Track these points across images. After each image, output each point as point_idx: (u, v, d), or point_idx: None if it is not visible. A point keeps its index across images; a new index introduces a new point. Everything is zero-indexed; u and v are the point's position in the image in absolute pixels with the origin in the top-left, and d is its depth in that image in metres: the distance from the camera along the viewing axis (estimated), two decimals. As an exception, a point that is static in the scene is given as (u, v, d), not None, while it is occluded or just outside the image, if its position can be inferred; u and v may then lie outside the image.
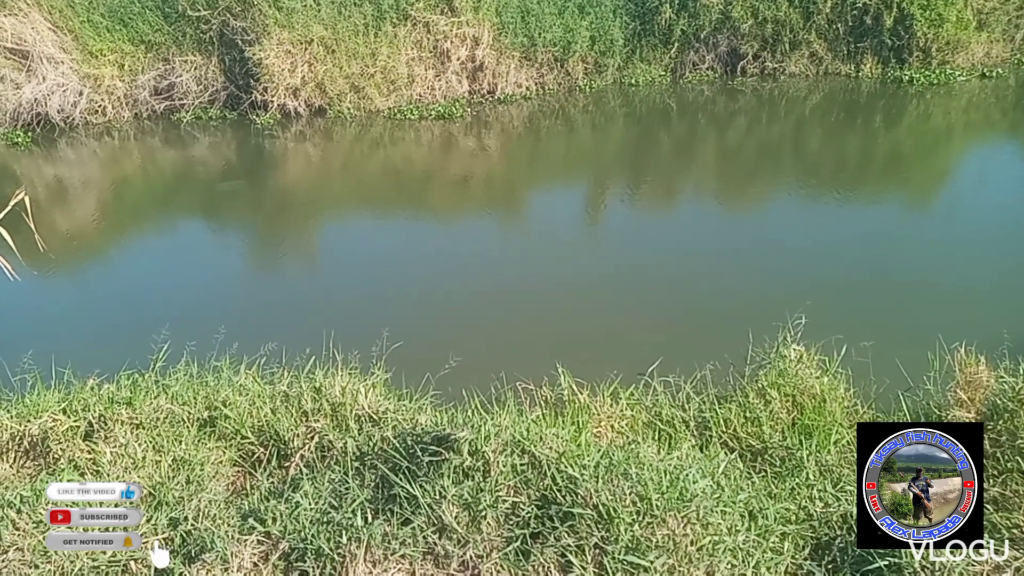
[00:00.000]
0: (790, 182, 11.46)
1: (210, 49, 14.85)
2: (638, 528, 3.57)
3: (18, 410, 5.41)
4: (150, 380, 5.55)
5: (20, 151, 14.46)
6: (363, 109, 14.84)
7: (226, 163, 13.77)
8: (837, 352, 5.48)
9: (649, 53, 15.71)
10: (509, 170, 13.32)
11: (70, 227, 11.73)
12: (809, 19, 14.93)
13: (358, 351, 5.73)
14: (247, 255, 10.69)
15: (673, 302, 7.84)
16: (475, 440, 4.02)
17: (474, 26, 14.71)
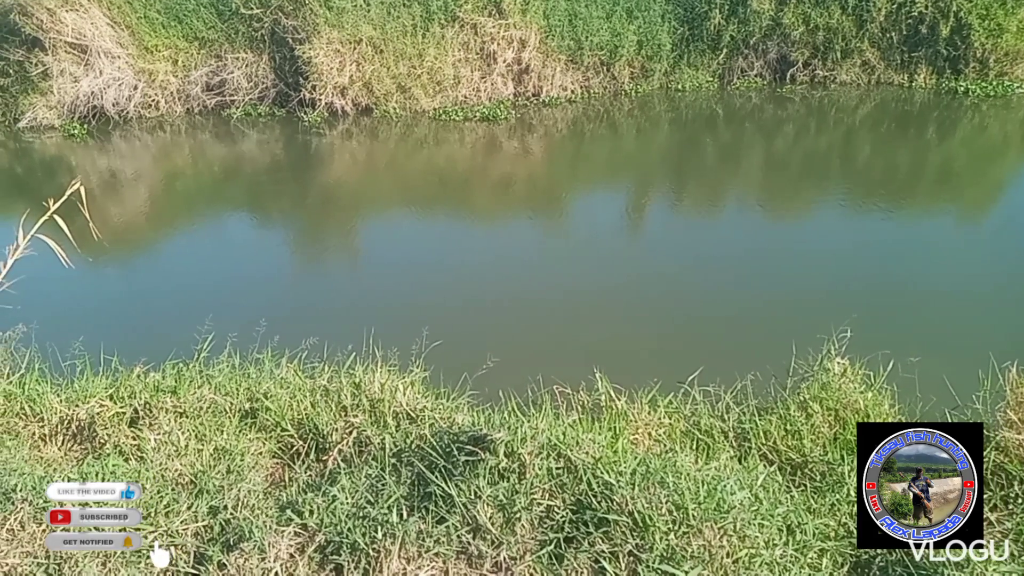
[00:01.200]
0: (838, 192, 11.26)
1: (261, 47, 15.12)
2: (673, 537, 3.54)
3: (67, 394, 5.56)
4: (194, 370, 5.65)
5: (76, 143, 14.88)
6: (409, 109, 14.98)
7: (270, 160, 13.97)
8: (883, 367, 5.36)
9: (697, 59, 15.59)
10: (552, 173, 13.31)
11: (121, 218, 12.03)
12: (862, 27, 14.67)
13: (397, 349, 5.77)
14: (290, 250, 10.84)
15: (715, 311, 7.75)
16: (511, 442, 4.02)
17: (521, 28, 14.74)
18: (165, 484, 4.34)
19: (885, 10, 14.41)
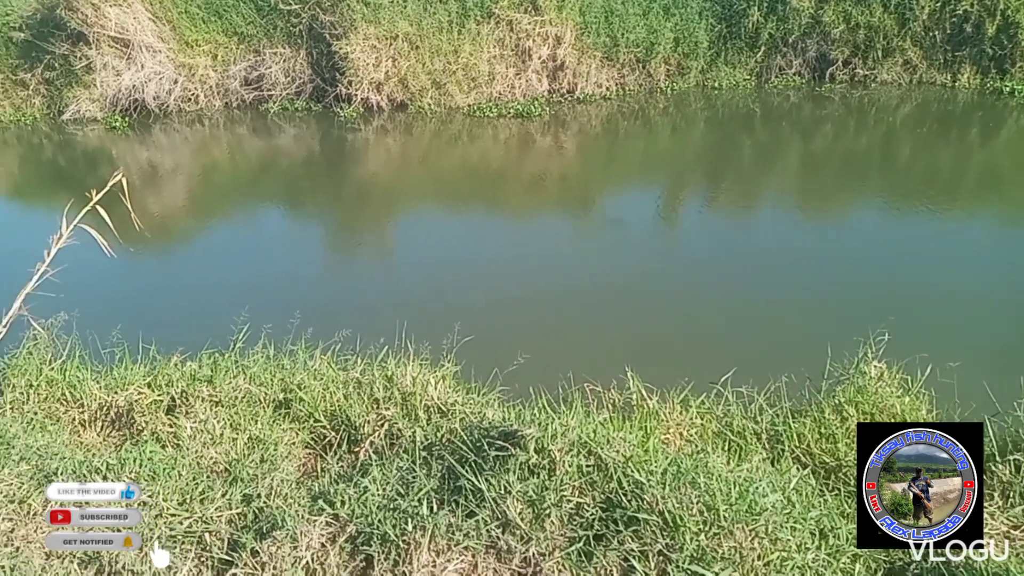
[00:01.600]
0: (877, 193, 11.07)
1: (299, 42, 15.29)
2: (704, 538, 3.51)
3: (107, 381, 5.68)
4: (230, 360, 5.74)
5: (117, 135, 15.18)
6: (443, 105, 15.03)
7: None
8: (921, 371, 5.27)
9: (734, 56, 15.43)
10: (585, 170, 13.27)
11: (160, 209, 12.24)
12: (904, 25, 14.39)
13: (429, 343, 5.80)
14: (325, 244, 10.94)
15: (749, 311, 7.66)
16: (542, 438, 4.02)
17: (557, 25, 14.72)
18: (200, 471, 4.42)
19: (929, 8, 14.13)
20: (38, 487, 4.17)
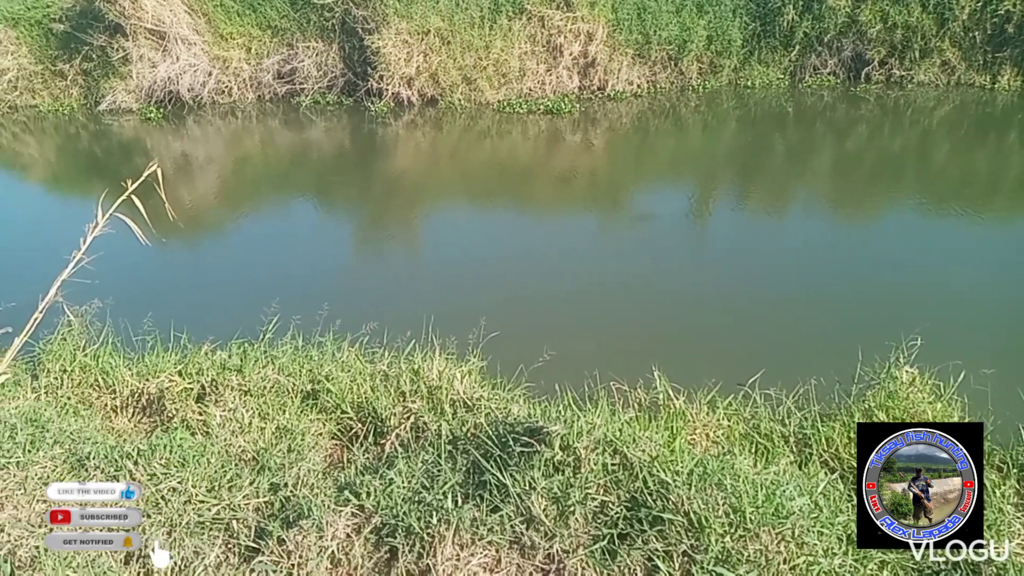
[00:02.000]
0: (912, 196, 10.89)
1: (332, 36, 15.38)
2: (729, 540, 3.49)
3: (138, 369, 5.78)
4: (259, 350, 5.81)
5: (152, 126, 15.40)
6: (473, 101, 15.04)
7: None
8: (954, 378, 5.19)
9: (768, 55, 15.25)
10: (614, 168, 13.21)
11: (193, 200, 12.39)
12: (943, 26, 14.11)
13: (455, 337, 5.82)
14: (354, 237, 11.01)
15: (778, 312, 7.58)
16: (567, 435, 4.02)
17: (589, 22, 14.65)
18: (229, 459, 4.47)
19: (969, 8, 13.84)
20: (71, 470, 4.26)
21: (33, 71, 16.65)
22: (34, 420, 4.70)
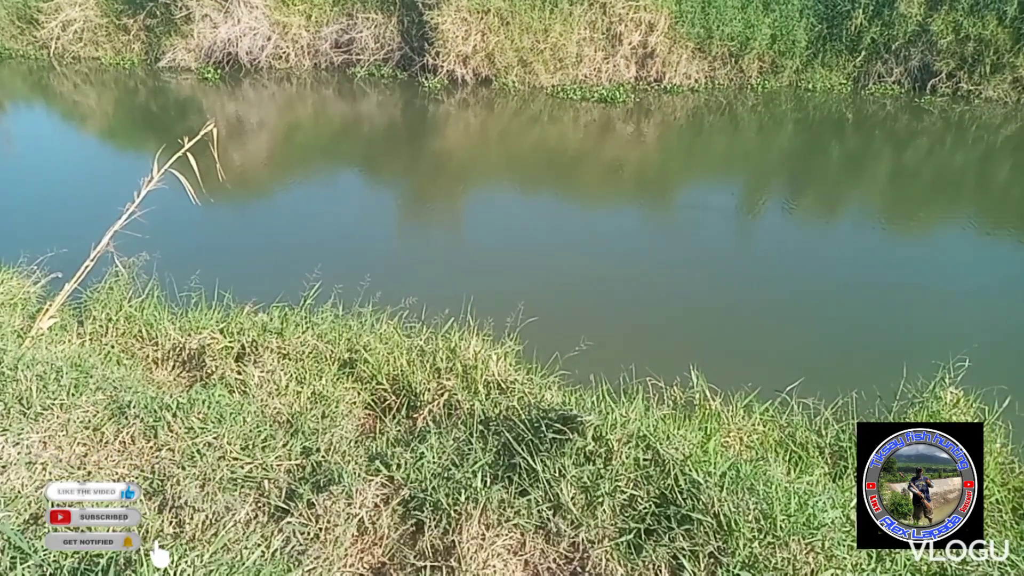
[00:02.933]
0: (968, 215, 10.60)
1: (391, 9, 15.41)
2: (758, 545, 3.44)
3: (181, 324, 5.88)
4: (300, 315, 5.87)
5: (208, 86, 15.61)
6: (528, 84, 14.98)
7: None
8: (998, 403, 5.05)
9: (832, 59, 14.94)
10: (664, 161, 13.06)
11: (244, 162, 12.55)
12: (1019, 41, 13.68)
13: (493, 319, 5.81)
14: (398, 211, 11.06)
15: (822, 321, 7.45)
16: (601, 426, 3.99)
17: (651, 12, 14.48)
18: (264, 420, 4.53)
19: (1047, 24, 13.40)
20: (111, 417, 4.35)
21: (98, 24, 16.97)
22: (79, 365, 4.80)
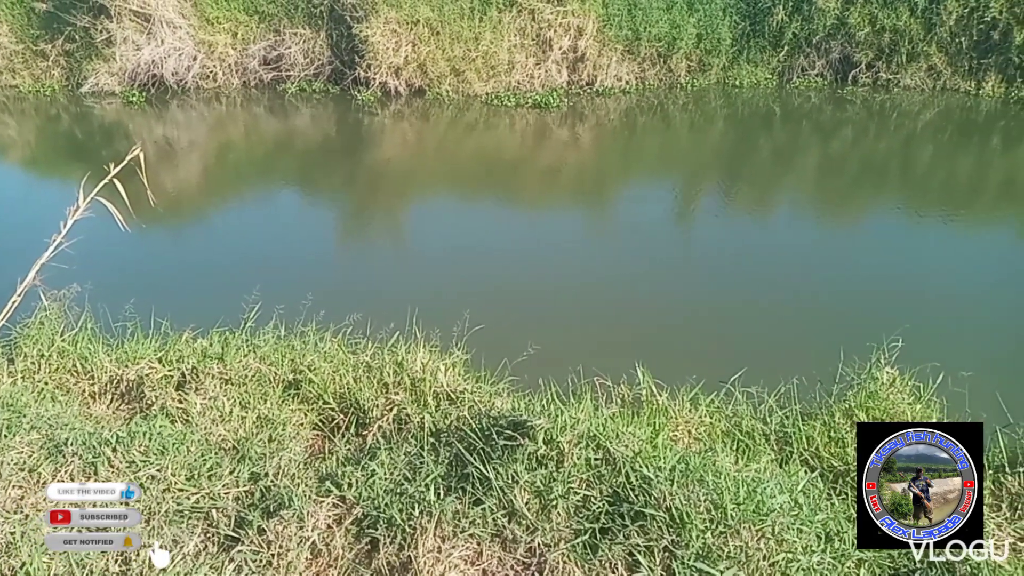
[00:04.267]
0: (894, 199, 10.99)
1: (319, 23, 15.25)
2: (710, 536, 3.51)
3: (118, 355, 5.71)
4: (241, 338, 5.76)
5: (133, 109, 15.20)
6: (461, 93, 14.98)
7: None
8: (933, 379, 5.24)
9: (756, 55, 15.32)
10: (600, 163, 13.22)
11: (174, 185, 12.25)
12: (931, 31, 14.24)
13: (439, 330, 5.80)
14: (338, 227, 10.95)
15: (761, 312, 7.62)
16: (551, 429, 4.02)
17: (579, 16, 14.63)
18: (209, 448, 4.43)
19: (956, 14, 13.97)
20: (48, 456, 4.20)
21: (14, 51, 16.37)
22: (10, 405, 4.63)
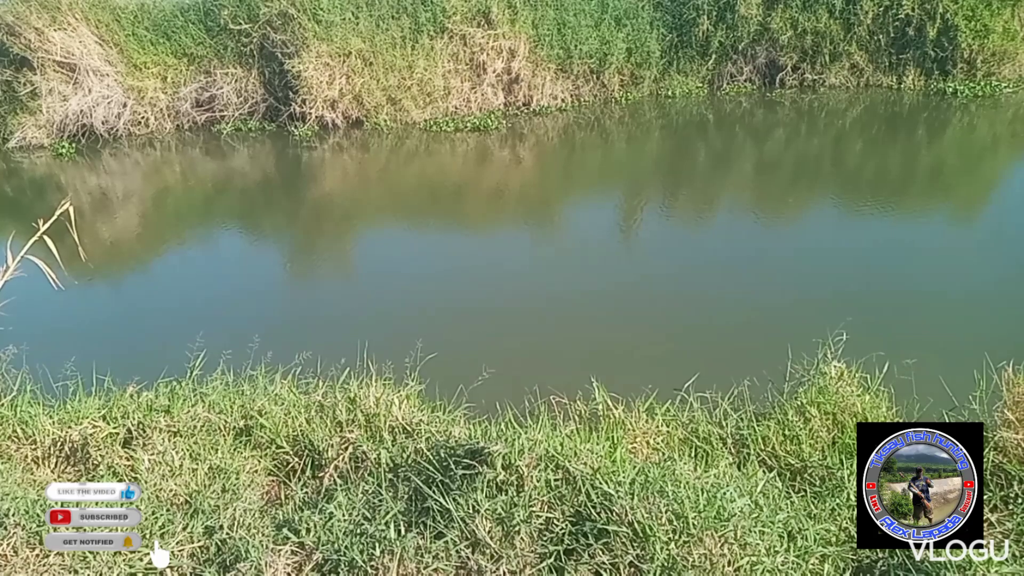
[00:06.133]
0: (829, 195, 11.30)
1: (250, 62, 15.14)
2: (674, 547, 3.51)
3: (60, 416, 5.50)
4: (187, 388, 5.60)
5: (64, 161, 14.84)
6: (399, 121, 14.99)
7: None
8: (879, 369, 5.35)
9: (686, 65, 15.66)
10: (543, 182, 13.32)
11: (111, 236, 11.97)
12: (850, 30, 14.76)
13: (392, 362, 5.73)
14: (283, 264, 10.81)
15: (710, 316, 7.73)
16: (509, 454, 3.99)
17: (510, 39, 14.80)
18: (160, 505, 4.29)
19: (872, 13, 14.50)
20: (-11, 529, 4.02)
21: (-67, 109, 15.88)
22: (-54, 478, 4.43)
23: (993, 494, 4.23)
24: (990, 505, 4.13)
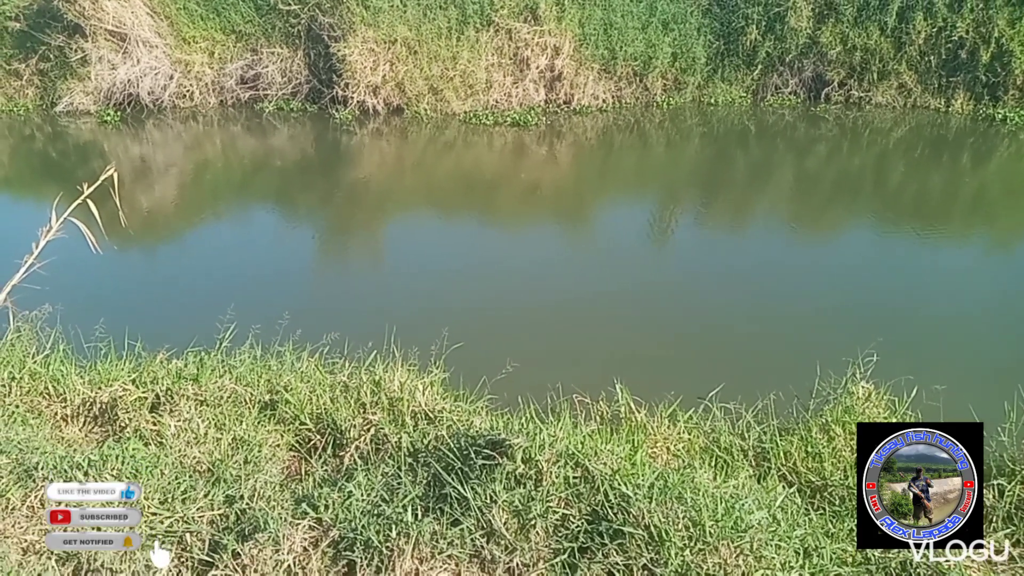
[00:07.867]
0: (868, 214, 11.14)
1: (297, 43, 15.25)
2: (689, 554, 3.50)
3: (90, 377, 5.61)
4: (216, 359, 5.69)
5: (109, 129, 15.08)
6: (439, 111, 15.03)
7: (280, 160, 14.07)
8: (907, 393, 5.29)
9: (731, 73, 15.52)
10: (579, 181, 13.29)
11: (150, 205, 12.16)
12: (900, 49, 14.52)
13: (418, 348, 5.76)
14: (315, 246, 10.90)
15: (738, 327, 7.67)
16: (529, 448, 4.00)
17: (556, 36, 14.75)
18: (183, 471, 4.37)
19: (925, 33, 14.25)
20: (18, 481, 4.11)
21: (-13, 70, 16.23)
22: (-22, 429, 4.54)
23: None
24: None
